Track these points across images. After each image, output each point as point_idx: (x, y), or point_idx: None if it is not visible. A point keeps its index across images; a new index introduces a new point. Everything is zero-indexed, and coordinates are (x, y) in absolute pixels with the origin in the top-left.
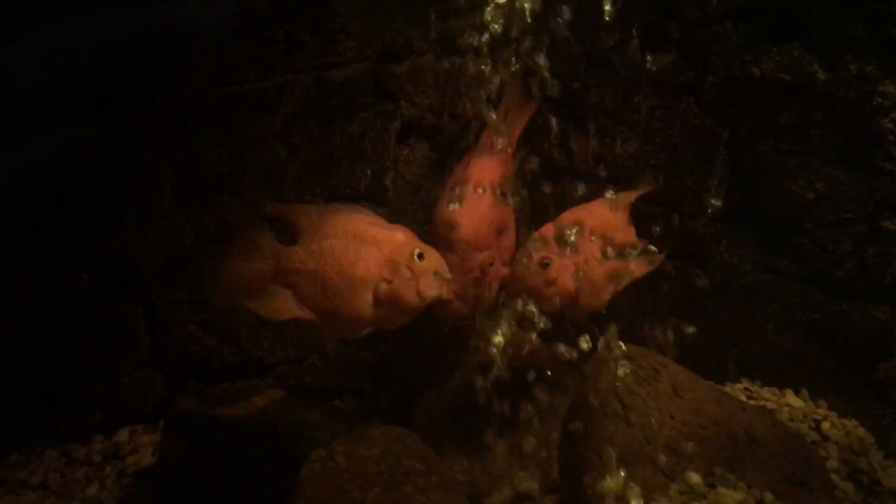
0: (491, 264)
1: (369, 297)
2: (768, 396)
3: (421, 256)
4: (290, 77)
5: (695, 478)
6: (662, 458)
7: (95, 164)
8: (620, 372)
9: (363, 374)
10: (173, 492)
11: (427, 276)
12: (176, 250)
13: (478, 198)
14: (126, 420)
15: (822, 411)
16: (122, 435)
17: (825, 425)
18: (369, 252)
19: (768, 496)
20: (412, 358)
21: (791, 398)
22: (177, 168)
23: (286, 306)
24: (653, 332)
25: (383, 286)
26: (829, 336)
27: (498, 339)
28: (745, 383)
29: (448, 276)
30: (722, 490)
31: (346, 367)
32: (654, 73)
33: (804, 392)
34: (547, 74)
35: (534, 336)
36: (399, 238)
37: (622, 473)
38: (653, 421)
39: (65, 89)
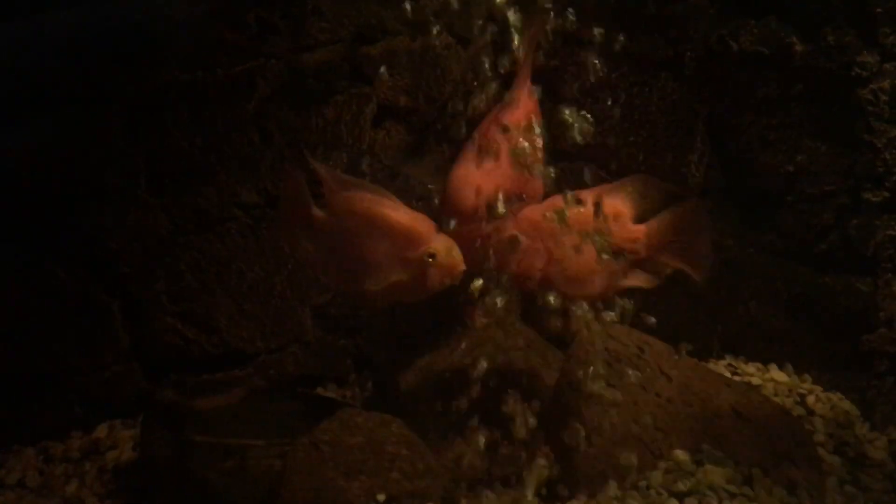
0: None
1: (378, 287)
2: (752, 372)
3: (432, 256)
4: (262, 61)
5: (682, 455)
6: (649, 437)
7: (69, 155)
8: (605, 350)
9: (345, 361)
10: (155, 486)
11: (436, 271)
12: (152, 241)
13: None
14: (106, 415)
15: (807, 385)
16: (102, 430)
17: (810, 399)
18: (385, 248)
19: (756, 472)
20: (395, 342)
21: (775, 373)
22: (151, 157)
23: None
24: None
25: (393, 279)
26: (813, 310)
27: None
28: (728, 359)
29: (461, 264)
30: (710, 467)
31: (327, 355)
32: (632, 49)
33: (788, 367)
34: None
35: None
36: (415, 234)
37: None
38: (638, 399)
39: (38, 82)
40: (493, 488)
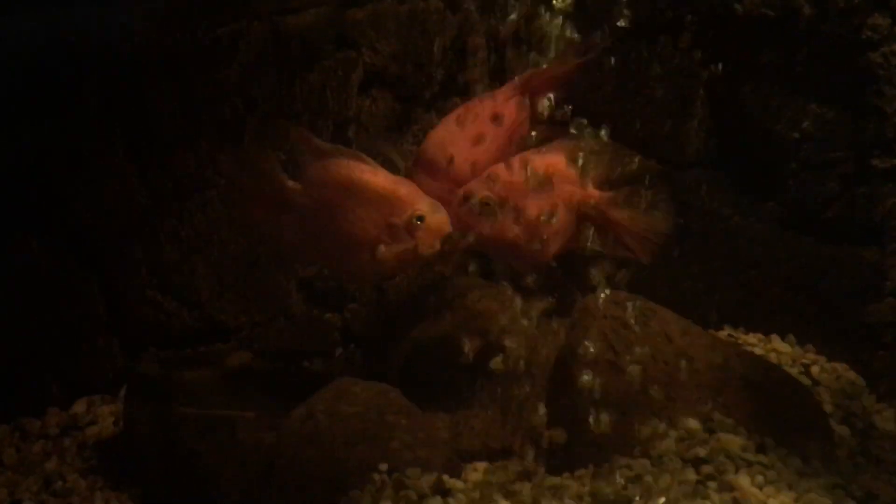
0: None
1: (367, 256)
2: (754, 342)
3: (421, 219)
4: (244, 24)
5: (693, 423)
6: (658, 405)
7: (43, 123)
8: (610, 318)
9: (331, 334)
10: (140, 462)
11: (426, 234)
12: (130, 212)
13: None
14: (83, 391)
15: (811, 356)
16: (80, 406)
17: (815, 369)
18: (368, 214)
19: (769, 441)
20: (383, 314)
21: (777, 343)
22: (129, 124)
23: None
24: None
25: (382, 248)
26: (816, 280)
27: None
28: (728, 330)
29: (448, 224)
30: (722, 435)
31: (312, 329)
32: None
33: (791, 337)
34: None
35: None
36: (399, 198)
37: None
38: (646, 367)
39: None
40: (496, 459)
